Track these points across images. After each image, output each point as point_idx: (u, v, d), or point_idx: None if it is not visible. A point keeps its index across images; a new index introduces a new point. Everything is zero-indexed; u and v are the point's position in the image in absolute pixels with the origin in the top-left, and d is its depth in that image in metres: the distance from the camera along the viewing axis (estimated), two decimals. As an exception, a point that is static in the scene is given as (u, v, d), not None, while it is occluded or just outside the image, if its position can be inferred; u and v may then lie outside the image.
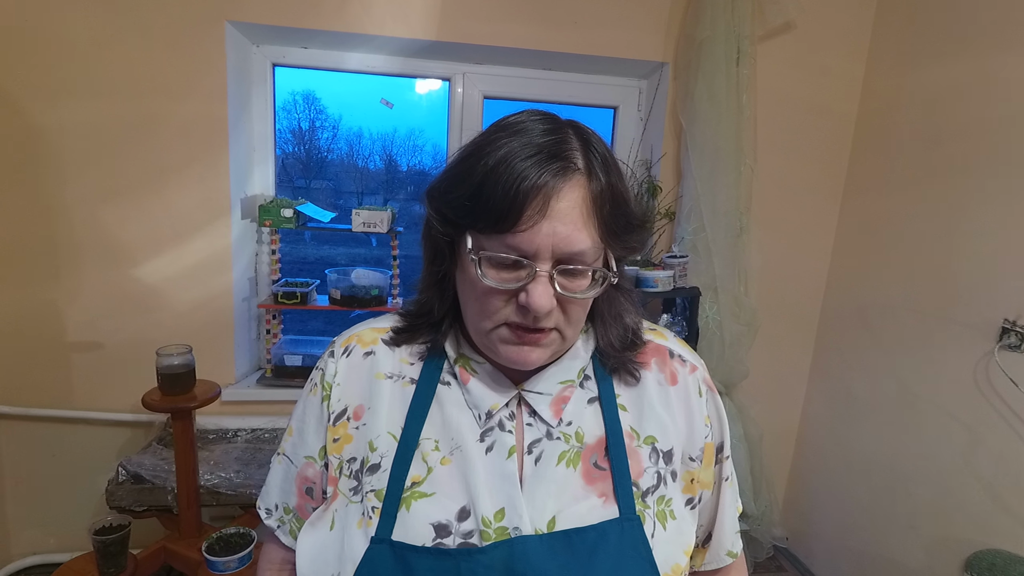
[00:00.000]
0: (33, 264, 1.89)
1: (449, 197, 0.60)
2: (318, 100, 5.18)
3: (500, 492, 0.62)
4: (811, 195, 2.27)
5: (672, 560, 0.64)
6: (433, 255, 0.66)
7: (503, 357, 0.63)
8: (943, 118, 1.86)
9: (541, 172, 0.55)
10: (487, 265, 0.59)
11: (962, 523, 1.76)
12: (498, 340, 0.62)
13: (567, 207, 0.56)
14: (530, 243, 0.56)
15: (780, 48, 2.11)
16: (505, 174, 0.55)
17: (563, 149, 0.57)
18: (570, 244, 0.57)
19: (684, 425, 0.70)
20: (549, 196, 0.56)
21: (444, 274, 0.67)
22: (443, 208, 0.61)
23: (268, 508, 0.75)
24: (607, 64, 2.14)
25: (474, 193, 0.57)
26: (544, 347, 0.62)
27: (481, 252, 0.58)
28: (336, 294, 2.10)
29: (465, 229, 0.60)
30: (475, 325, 0.64)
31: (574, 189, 0.57)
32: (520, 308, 0.59)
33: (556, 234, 0.56)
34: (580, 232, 0.57)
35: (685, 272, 2.05)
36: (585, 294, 0.61)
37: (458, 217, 0.60)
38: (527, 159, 0.56)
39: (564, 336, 0.63)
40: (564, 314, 0.61)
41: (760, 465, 2.30)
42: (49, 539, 2.11)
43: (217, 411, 1.98)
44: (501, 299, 0.60)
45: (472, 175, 0.58)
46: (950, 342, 1.81)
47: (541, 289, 0.57)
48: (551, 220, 0.56)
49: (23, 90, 1.79)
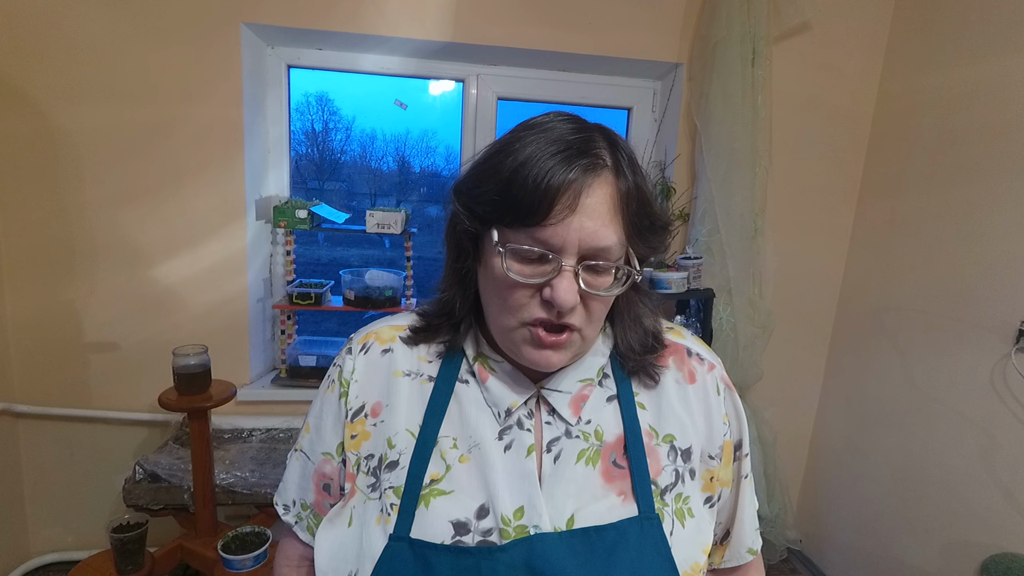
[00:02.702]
0: (52, 265, 1.91)
1: (476, 192, 0.61)
2: (331, 102, 5.20)
3: (519, 490, 0.62)
4: (826, 197, 2.25)
5: (691, 558, 0.64)
6: (457, 252, 0.67)
7: (525, 358, 0.63)
8: (960, 119, 1.84)
9: (571, 167, 0.56)
10: (512, 259, 0.59)
11: (978, 527, 1.74)
12: (520, 341, 0.63)
13: (595, 203, 0.58)
14: (558, 237, 0.57)
15: (796, 49, 2.10)
16: (535, 168, 0.56)
17: (591, 147, 0.58)
18: (596, 239, 0.58)
19: (703, 423, 0.70)
20: (579, 191, 0.57)
21: (467, 272, 0.67)
22: (470, 203, 0.62)
23: (286, 504, 0.75)
24: (621, 65, 2.14)
25: (503, 188, 0.58)
26: (565, 350, 0.63)
27: (508, 245, 0.59)
28: (350, 295, 2.11)
29: (492, 224, 0.60)
30: (498, 322, 0.64)
31: (602, 186, 0.58)
32: (544, 303, 0.60)
33: (583, 229, 0.57)
34: (607, 228, 0.58)
35: (699, 274, 2.04)
36: (608, 292, 0.61)
37: (486, 212, 0.60)
38: (556, 154, 0.57)
39: (584, 337, 0.64)
40: (586, 312, 0.62)
41: (774, 468, 2.29)
42: (67, 537, 2.13)
43: (232, 411, 2.00)
44: (525, 294, 0.60)
45: (500, 170, 0.59)
46: (966, 345, 1.79)
47: (566, 284, 0.58)
48: (579, 215, 0.57)
49: (41, 92, 1.81)
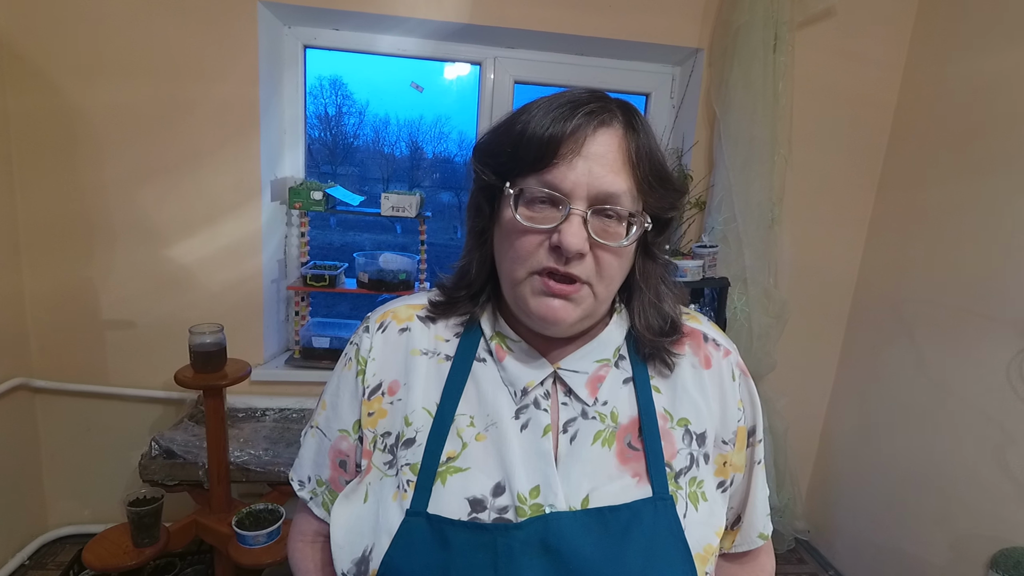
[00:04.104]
0: (70, 242, 1.92)
1: (492, 148, 0.64)
2: (345, 86, 5.17)
3: (535, 469, 0.63)
4: (845, 187, 2.22)
5: (704, 540, 0.65)
6: (475, 213, 0.69)
7: (532, 311, 0.63)
8: (987, 110, 1.80)
9: (577, 113, 0.59)
10: (523, 204, 0.61)
11: (989, 521, 1.73)
12: (529, 291, 0.63)
13: (603, 150, 0.60)
14: (567, 181, 0.59)
15: (819, 35, 2.06)
16: (546, 118, 0.59)
17: (601, 104, 0.61)
18: (605, 184, 0.59)
19: (717, 408, 0.70)
20: (586, 134, 0.59)
21: (484, 233, 0.69)
22: (487, 159, 0.65)
23: (301, 480, 0.76)
24: (640, 50, 2.11)
25: (515, 141, 0.61)
26: (575, 303, 0.62)
27: (517, 188, 0.61)
28: (364, 278, 2.11)
29: (507, 177, 0.63)
30: (509, 276, 0.64)
31: (612, 136, 0.60)
32: (553, 250, 0.60)
33: (591, 173, 0.59)
34: (616, 175, 0.60)
35: (715, 262, 2.02)
36: (618, 243, 0.62)
37: (500, 165, 0.63)
38: (566, 105, 0.60)
39: (595, 293, 0.63)
40: (597, 265, 0.62)
41: (784, 458, 2.28)
42: (84, 510, 2.17)
43: (247, 391, 2.02)
44: (534, 242, 0.61)
45: (514, 126, 0.62)
46: (983, 339, 1.77)
47: (574, 228, 0.59)
48: (587, 160, 0.59)
49: (60, 69, 1.81)
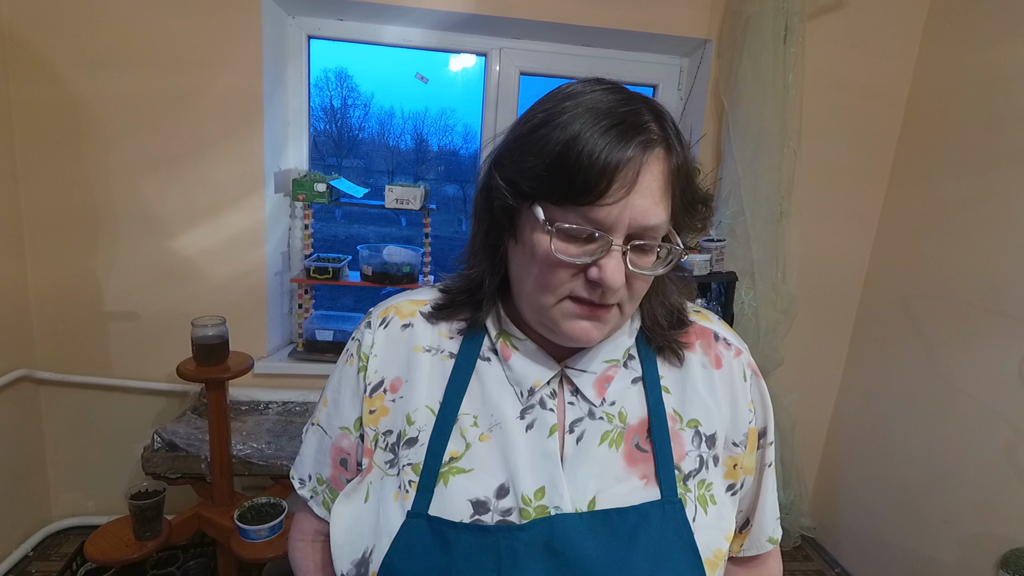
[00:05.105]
0: (73, 233, 1.92)
1: (521, 166, 0.58)
2: (350, 78, 5.16)
3: (541, 470, 0.61)
4: (855, 180, 2.19)
5: (714, 544, 0.63)
6: (489, 227, 0.64)
7: (564, 332, 0.61)
8: (1000, 103, 1.77)
9: (629, 144, 0.54)
10: (558, 237, 0.56)
11: (1001, 520, 1.70)
12: (560, 315, 0.60)
13: (649, 181, 0.56)
14: (611, 217, 0.55)
15: (830, 26, 2.03)
16: (589, 143, 0.53)
17: (642, 121, 0.55)
18: (647, 218, 0.56)
19: (728, 410, 0.68)
20: (637, 170, 0.54)
21: (497, 247, 0.65)
22: (515, 177, 0.58)
23: (301, 478, 0.74)
24: (648, 41, 2.08)
25: (553, 163, 0.55)
26: (605, 323, 0.61)
27: (556, 224, 0.56)
28: (368, 270, 2.10)
29: (536, 200, 0.57)
30: (534, 300, 0.61)
31: (656, 163, 0.56)
32: (589, 283, 0.58)
33: (636, 208, 0.55)
34: (657, 206, 0.56)
35: (722, 257, 2.00)
36: (654, 270, 0.59)
37: (532, 187, 0.57)
38: (611, 129, 0.54)
39: (623, 312, 0.62)
40: (629, 290, 0.60)
41: (791, 455, 2.27)
42: (87, 502, 2.17)
43: (250, 383, 2.01)
44: (568, 273, 0.58)
45: (549, 143, 0.55)
46: (994, 335, 1.74)
47: (614, 264, 0.56)
48: (635, 194, 0.55)
49: (63, 59, 1.80)
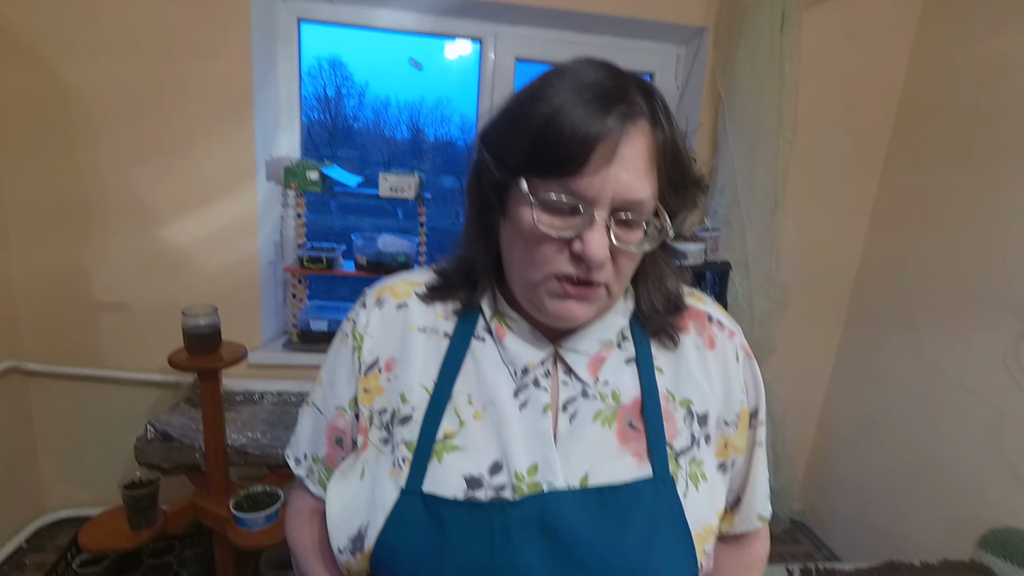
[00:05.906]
0: (62, 223, 1.89)
1: (506, 140, 0.58)
2: (344, 66, 5.10)
3: (534, 448, 0.62)
4: (849, 171, 2.19)
5: (704, 520, 0.64)
6: (480, 204, 0.64)
7: (549, 311, 0.61)
8: (994, 95, 1.77)
9: (609, 114, 0.53)
10: (543, 210, 0.57)
11: (984, 504, 1.74)
12: (546, 294, 0.61)
13: (632, 154, 0.55)
14: (592, 188, 0.55)
15: (826, 14, 2.02)
16: (571, 115, 0.53)
17: (628, 95, 0.55)
18: (631, 192, 0.55)
19: (721, 390, 0.69)
20: (618, 140, 0.54)
21: (490, 226, 0.65)
22: (500, 152, 0.59)
23: (297, 457, 0.75)
24: (645, 28, 2.07)
25: (535, 136, 0.55)
26: (591, 303, 0.61)
27: (538, 195, 0.56)
28: (362, 260, 2.09)
29: (521, 174, 0.57)
30: (522, 277, 0.62)
31: (640, 136, 0.56)
32: (574, 258, 0.58)
33: (618, 181, 0.55)
34: (642, 181, 0.56)
35: (716, 246, 2.00)
36: (639, 247, 0.59)
37: (517, 161, 0.57)
38: (593, 100, 0.54)
39: (611, 292, 0.62)
40: (615, 267, 0.60)
41: (783, 441, 2.30)
42: (81, 493, 2.17)
43: (244, 374, 2.00)
44: (552, 248, 0.58)
45: (532, 118, 0.55)
46: (982, 323, 1.77)
47: (598, 238, 0.56)
48: (616, 166, 0.54)
49: (51, 47, 1.77)
